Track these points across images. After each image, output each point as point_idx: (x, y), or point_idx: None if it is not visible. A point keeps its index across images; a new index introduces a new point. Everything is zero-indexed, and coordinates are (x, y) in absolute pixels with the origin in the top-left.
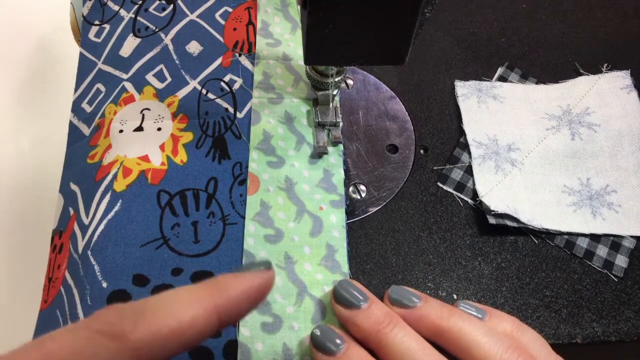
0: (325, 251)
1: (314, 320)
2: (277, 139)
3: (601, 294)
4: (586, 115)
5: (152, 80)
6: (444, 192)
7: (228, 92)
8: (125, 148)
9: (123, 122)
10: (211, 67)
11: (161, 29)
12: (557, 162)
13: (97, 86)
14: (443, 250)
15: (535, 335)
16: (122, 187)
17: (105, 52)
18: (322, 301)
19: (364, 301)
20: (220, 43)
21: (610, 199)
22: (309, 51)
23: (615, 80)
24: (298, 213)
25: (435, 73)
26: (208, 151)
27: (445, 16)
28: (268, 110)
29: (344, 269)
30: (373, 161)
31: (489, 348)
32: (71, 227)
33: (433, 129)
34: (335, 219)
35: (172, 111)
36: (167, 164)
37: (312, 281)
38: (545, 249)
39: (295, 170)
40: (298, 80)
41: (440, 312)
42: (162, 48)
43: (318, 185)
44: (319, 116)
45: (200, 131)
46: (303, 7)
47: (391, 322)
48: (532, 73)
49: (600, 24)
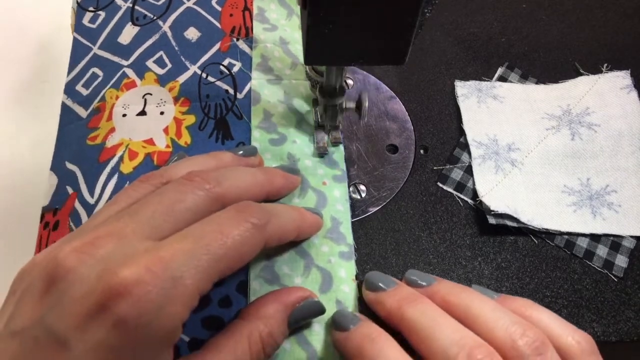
0: (330, 224)
1: (321, 290)
2: (277, 117)
3: (601, 294)
4: (586, 115)
5: (152, 66)
6: (444, 192)
7: (227, 75)
8: (130, 132)
9: (126, 107)
10: (210, 52)
11: (159, 17)
12: (557, 162)
13: (93, 70)
14: (443, 250)
15: (549, 313)
16: (128, 169)
17: (101, 38)
18: (329, 272)
19: (393, 284)
20: (218, 29)
21: (610, 199)
22: (309, 51)
23: (615, 80)
24: (302, 189)
25: (435, 73)
26: (211, 132)
27: (445, 16)
28: (267, 90)
29: (348, 240)
30: (373, 161)
31: (496, 320)
32: (70, 205)
33: (433, 129)
34: (338, 193)
35: (173, 95)
36: (171, 146)
37: (318, 253)
38: (545, 249)
39: (297, 147)
40: (296, 63)
41: (450, 289)
42: (160, 35)
43: (320, 161)
44: (319, 116)
45: (202, 114)
46: (303, 7)
47: (416, 300)
48: (532, 73)
49: (600, 24)
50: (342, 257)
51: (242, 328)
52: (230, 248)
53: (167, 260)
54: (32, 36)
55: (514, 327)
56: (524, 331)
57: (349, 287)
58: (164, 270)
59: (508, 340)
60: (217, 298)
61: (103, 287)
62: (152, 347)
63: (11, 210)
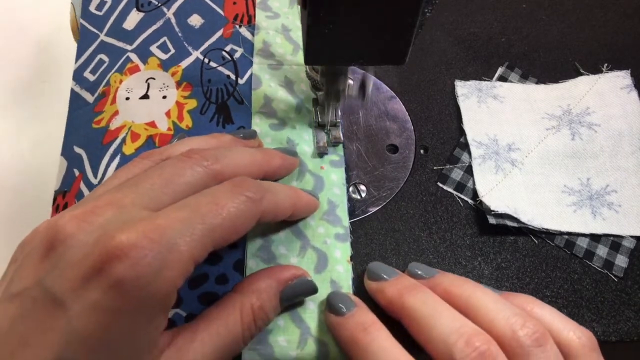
0: (327, 206)
1: (316, 270)
2: (277, 102)
3: (601, 294)
4: (586, 115)
5: (156, 51)
6: (444, 192)
7: (229, 60)
8: (133, 114)
9: (129, 90)
10: (212, 38)
11: (163, 4)
12: (557, 162)
13: (100, 56)
14: (443, 250)
15: (550, 309)
16: (131, 151)
17: (107, 25)
18: (325, 253)
19: (394, 274)
20: (221, 16)
21: (610, 199)
22: (309, 51)
23: (615, 80)
24: (300, 172)
25: (435, 73)
26: (212, 116)
27: (445, 16)
28: (268, 75)
29: (344, 222)
30: (373, 161)
31: (497, 311)
32: (77, 187)
33: (433, 129)
34: (335, 177)
35: (176, 80)
36: (173, 129)
37: (314, 234)
38: (545, 249)
39: (296, 132)
40: (297, 50)
41: (453, 281)
42: (164, 21)
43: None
44: (319, 116)
45: (204, 98)
46: (303, 7)
47: (417, 289)
48: (532, 73)
49: (600, 24)
50: (337, 238)
51: (235, 300)
52: (224, 219)
53: (164, 227)
54: (32, 36)
55: (514, 318)
56: (525, 322)
57: (343, 267)
58: (160, 236)
59: (508, 331)
60: (214, 275)
61: (100, 250)
62: (147, 310)
63: (11, 210)
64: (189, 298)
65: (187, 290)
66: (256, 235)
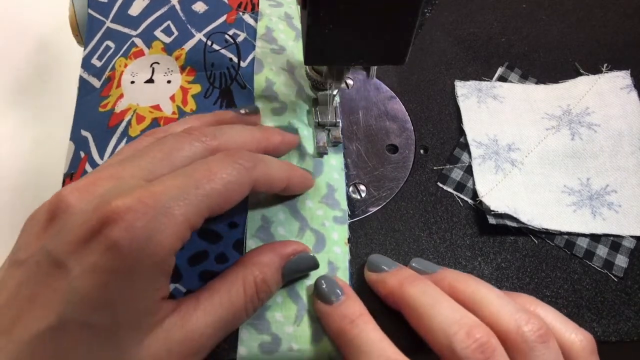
0: (326, 190)
1: (314, 251)
2: (279, 85)
3: (601, 294)
4: (586, 115)
5: (160, 35)
6: (444, 192)
7: (232, 44)
8: (138, 98)
9: (134, 74)
10: (216, 23)
11: None
12: (557, 162)
13: (107, 43)
14: (443, 250)
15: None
16: (136, 132)
17: (113, 11)
18: (323, 234)
19: (395, 266)
20: (224, 3)
21: (610, 199)
22: (309, 51)
23: (615, 80)
24: (300, 156)
25: (435, 73)
26: (215, 100)
27: (445, 16)
28: (271, 59)
29: (342, 206)
30: (373, 161)
31: (502, 306)
32: (82, 168)
33: (433, 129)
34: (335, 161)
35: (180, 64)
36: (177, 113)
37: (312, 216)
38: (545, 249)
39: (297, 116)
40: (299, 36)
41: (457, 276)
42: (169, 7)
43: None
44: (319, 116)
45: (207, 83)
46: (303, 7)
47: (417, 279)
48: (532, 73)
49: (600, 24)
50: (335, 221)
51: (238, 273)
52: (218, 184)
53: (159, 193)
54: (32, 36)
55: (519, 314)
56: (529, 318)
57: (340, 249)
58: (155, 201)
59: (513, 326)
60: (214, 254)
61: (98, 215)
62: (145, 272)
63: (11, 211)
64: (189, 274)
65: (186, 266)
66: (256, 216)
